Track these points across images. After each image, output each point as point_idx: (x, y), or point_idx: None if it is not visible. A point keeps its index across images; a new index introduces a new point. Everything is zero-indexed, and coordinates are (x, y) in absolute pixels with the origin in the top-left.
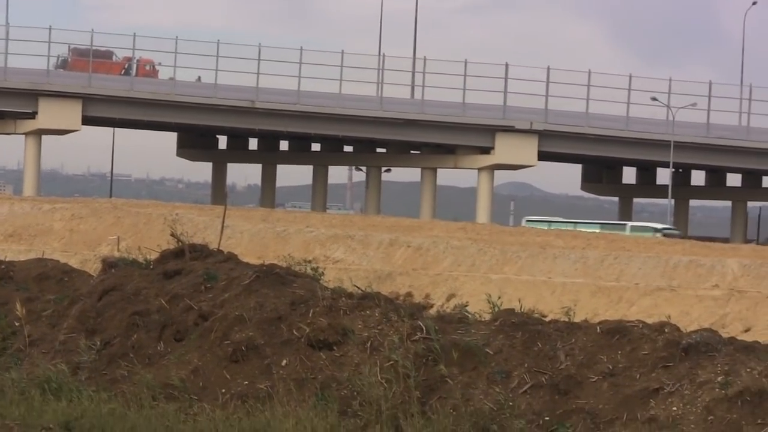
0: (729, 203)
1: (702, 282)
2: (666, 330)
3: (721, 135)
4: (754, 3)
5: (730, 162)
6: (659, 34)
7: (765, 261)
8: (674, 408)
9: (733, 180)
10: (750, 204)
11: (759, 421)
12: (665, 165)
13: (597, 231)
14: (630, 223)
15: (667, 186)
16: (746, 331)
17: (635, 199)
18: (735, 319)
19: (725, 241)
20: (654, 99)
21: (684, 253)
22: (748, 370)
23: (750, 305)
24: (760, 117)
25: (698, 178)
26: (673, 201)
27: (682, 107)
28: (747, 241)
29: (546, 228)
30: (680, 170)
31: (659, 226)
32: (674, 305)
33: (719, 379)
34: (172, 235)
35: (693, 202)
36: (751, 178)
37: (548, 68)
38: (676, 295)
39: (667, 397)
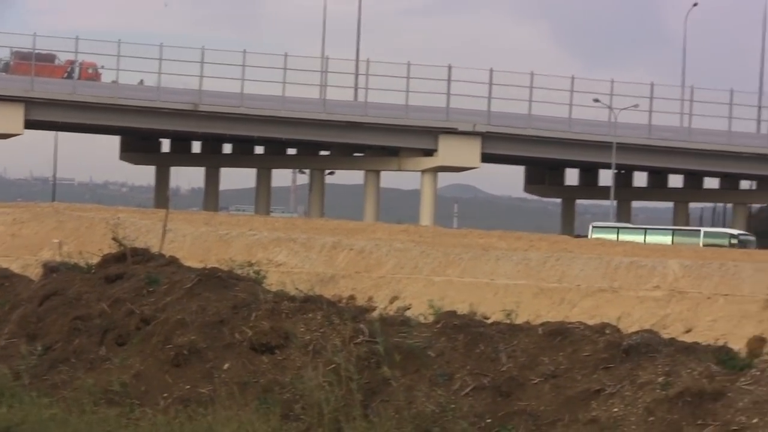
0: (671, 204)
1: (643, 283)
2: (607, 331)
3: (663, 136)
4: (695, 5)
5: (672, 163)
6: (602, 36)
7: (706, 262)
8: (615, 409)
9: (675, 181)
10: (692, 205)
11: (699, 422)
12: (607, 166)
13: (668, 241)
14: (704, 229)
15: (609, 187)
16: (687, 332)
17: (578, 201)
18: (676, 320)
19: None
20: (596, 101)
21: (625, 254)
22: (689, 370)
23: (691, 306)
24: (701, 118)
25: (640, 179)
26: (615, 202)
27: (624, 108)
28: None
29: (614, 236)
30: (622, 171)
31: (735, 231)
32: (615, 306)
33: (660, 380)
34: (114, 239)
35: (635, 204)
36: (693, 179)
37: (491, 70)
38: (617, 296)
39: (608, 398)
